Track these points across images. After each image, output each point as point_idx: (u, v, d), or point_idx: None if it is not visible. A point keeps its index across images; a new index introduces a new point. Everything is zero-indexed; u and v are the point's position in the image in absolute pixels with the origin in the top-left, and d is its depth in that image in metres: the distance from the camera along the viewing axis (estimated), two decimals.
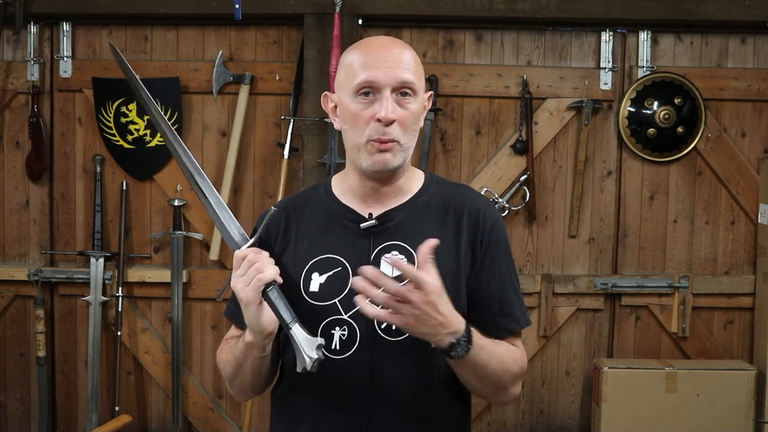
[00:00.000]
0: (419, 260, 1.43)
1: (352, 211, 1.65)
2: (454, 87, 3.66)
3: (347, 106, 1.60)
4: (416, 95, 1.60)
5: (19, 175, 3.78)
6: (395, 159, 1.59)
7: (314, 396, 1.61)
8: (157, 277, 3.72)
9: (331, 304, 1.59)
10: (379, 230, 1.63)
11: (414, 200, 1.66)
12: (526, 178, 3.66)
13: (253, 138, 3.72)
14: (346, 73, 1.61)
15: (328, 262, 1.62)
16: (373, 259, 1.60)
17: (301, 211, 1.69)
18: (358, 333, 1.58)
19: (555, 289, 3.69)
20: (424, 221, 1.64)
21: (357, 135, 1.59)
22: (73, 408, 3.85)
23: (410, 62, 1.60)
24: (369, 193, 1.65)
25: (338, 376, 1.58)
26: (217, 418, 3.81)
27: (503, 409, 3.79)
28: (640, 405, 3.49)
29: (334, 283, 1.60)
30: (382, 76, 1.57)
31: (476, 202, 1.69)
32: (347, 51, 1.66)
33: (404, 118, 1.58)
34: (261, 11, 3.55)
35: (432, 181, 1.71)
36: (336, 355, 1.58)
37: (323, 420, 1.61)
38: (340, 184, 1.70)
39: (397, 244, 1.61)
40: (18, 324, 3.81)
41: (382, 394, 1.57)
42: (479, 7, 3.54)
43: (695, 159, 3.70)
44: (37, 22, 3.69)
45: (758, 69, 3.66)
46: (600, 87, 3.66)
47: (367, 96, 1.58)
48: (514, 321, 1.67)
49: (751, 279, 3.70)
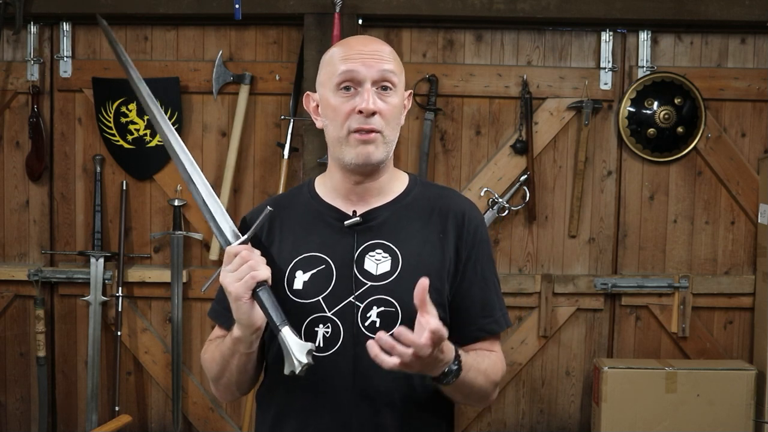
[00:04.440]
0: (417, 302, 1.41)
1: (335, 210, 1.66)
2: (454, 87, 3.66)
3: (328, 101, 1.62)
4: (396, 89, 1.62)
5: (19, 175, 3.78)
6: (378, 151, 1.60)
7: (298, 393, 1.61)
8: (157, 277, 3.72)
9: (314, 302, 1.60)
10: (363, 228, 1.63)
11: (398, 200, 1.68)
12: (526, 178, 3.66)
13: (253, 138, 3.72)
14: (327, 70, 1.63)
15: (311, 260, 1.62)
16: (357, 257, 1.61)
17: (286, 211, 1.70)
18: (342, 331, 1.58)
19: (555, 289, 3.69)
20: (409, 221, 1.65)
21: (338, 129, 1.61)
22: (73, 408, 3.85)
23: (389, 56, 1.62)
24: (352, 189, 1.65)
25: (322, 373, 1.58)
26: (217, 418, 3.81)
27: (503, 409, 3.79)
28: (640, 405, 3.49)
29: (318, 280, 1.61)
30: (363, 68, 1.58)
31: (461, 204, 1.70)
32: (327, 50, 1.68)
33: (385, 111, 1.59)
34: (261, 11, 3.55)
35: (416, 182, 1.73)
36: (320, 352, 1.58)
37: (308, 417, 1.61)
38: (324, 183, 1.71)
39: (380, 242, 1.62)
40: (18, 324, 3.81)
41: (366, 391, 1.58)
42: (479, 7, 3.54)
43: (695, 159, 3.70)
44: (37, 22, 3.69)
45: (758, 69, 3.66)
46: (600, 87, 3.66)
47: (348, 90, 1.59)
48: (495, 322, 1.68)
49: (751, 279, 3.70)
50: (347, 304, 1.59)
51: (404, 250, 1.61)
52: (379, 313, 1.58)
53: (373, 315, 1.58)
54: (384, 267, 1.60)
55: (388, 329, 1.51)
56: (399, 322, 1.56)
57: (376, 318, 1.58)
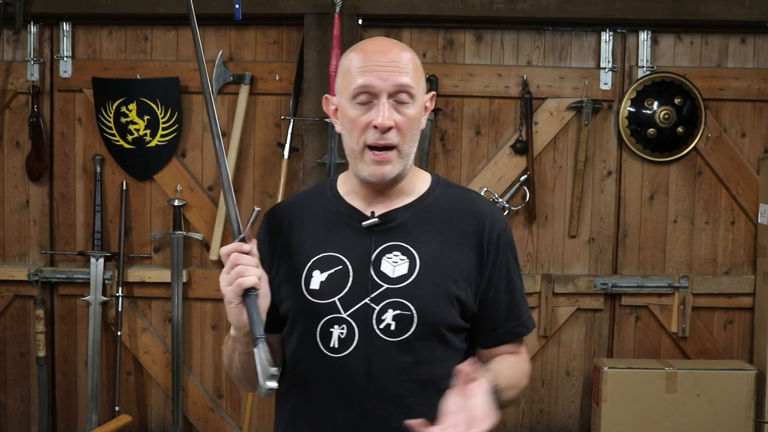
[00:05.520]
0: (463, 384, 1.45)
1: (355, 210, 1.65)
2: (454, 87, 3.66)
3: (345, 111, 1.60)
4: (414, 99, 1.59)
5: (19, 175, 3.78)
6: (394, 169, 1.59)
7: (312, 393, 1.61)
8: (157, 277, 3.72)
9: (330, 303, 1.59)
10: (382, 230, 1.62)
11: (419, 201, 1.66)
12: (526, 178, 3.66)
13: (253, 138, 3.72)
14: (344, 78, 1.61)
15: (329, 260, 1.62)
16: (374, 259, 1.60)
17: (306, 209, 1.69)
18: (357, 332, 1.58)
19: (555, 289, 3.69)
20: (428, 223, 1.64)
21: (354, 141, 1.59)
22: (73, 408, 3.85)
23: (408, 65, 1.58)
24: (371, 194, 1.65)
25: (336, 374, 1.58)
26: (217, 418, 3.81)
27: (503, 409, 3.78)
28: (640, 405, 3.49)
29: (334, 281, 1.60)
30: (378, 81, 1.55)
31: (484, 207, 1.69)
32: (345, 54, 1.65)
33: (402, 124, 1.57)
34: (261, 11, 3.55)
35: (439, 183, 1.71)
36: (334, 353, 1.58)
37: (320, 417, 1.61)
38: (345, 183, 1.70)
39: (398, 244, 1.61)
40: (18, 324, 3.81)
41: (379, 393, 1.58)
42: (479, 7, 3.54)
43: (695, 159, 3.70)
44: (37, 22, 3.69)
45: (758, 69, 3.66)
46: (600, 87, 3.66)
47: (364, 102, 1.57)
48: (521, 325, 1.70)
49: (751, 279, 3.70)
50: (363, 305, 1.58)
51: (422, 253, 1.60)
52: (395, 316, 1.57)
53: (388, 318, 1.58)
54: (401, 269, 1.59)
55: (402, 333, 1.55)
56: (414, 326, 1.57)
57: (391, 321, 1.57)
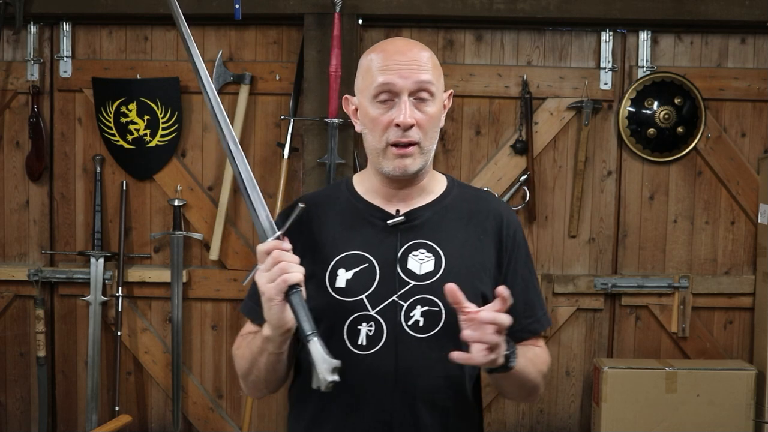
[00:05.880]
0: (454, 304, 1.44)
1: (378, 209, 1.67)
2: (454, 87, 3.65)
3: (366, 111, 1.63)
4: (434, 97, 1.62)
5: (19, 175, 3.78)
6: (415, 163, 1.62)
7: (339, 392, 1.55)
8: (157, 277, 3.72)
9: (358, 300, 1.60)
10: (406, 228, 1.65)
11: (439, 201, 1.70)
12: (526, 178, 3.66)
13: (253, 138, 3.72)
14: (364, 78, 1.63)
15: (354, 258, 1.63)
16: (400, 256, 1.62)
17: (324, 208, 1.70)
18: (385, 329, 1.59)
19: (555, 289, 3.69)
20: (449, 221, 1.67)
21: (376, 140, 1.62)
22: (73, 408, 3.85)
23: (428, 64, 1.61)
24: (393, 193, 1.67)
25: (364, 372, 1.59)
26: (217, 418, 3.81)
27: (503, 409, 3.79)
28: (640, 405, 3.49)
29: (361, 279, 1.61)
30: (399, 79, 1.58)
31: (499, 207, 1.74)
32: (365, 54, 1.67)
33: (423, 122, 1.60)
34: (261, 11, 3.55)
35: (454, 184, 1.75)
36: (362, 350, 1.59)
37: (348, 416, 1.61)
38: (363, 182, 1.72)
39: (423, 242, 1.64)
40: (18, 324, 3.81)
41: (408, 390, 1.59)
42: (479, 7, 3.54)
43: (695, 159, 3.70)
44: (37, 22, 3.69)
45: (758, 69, 3.66)
46: (600, 87, 3.66)
47: (385, 101, 1.59)
48: (537, 322, 1.72)
49: (751, 279, 3.70)
50: (391, 303, 1.60)
51: (447, 251, 1.63)
52: (423, 312, 1.59)
53: (416, 314, 1.59)
54: (427, 267, 1.62)
55: (431, 329, 1.57)
56: (442, 322, 1.58)
57: (419, 317, 1.59)
